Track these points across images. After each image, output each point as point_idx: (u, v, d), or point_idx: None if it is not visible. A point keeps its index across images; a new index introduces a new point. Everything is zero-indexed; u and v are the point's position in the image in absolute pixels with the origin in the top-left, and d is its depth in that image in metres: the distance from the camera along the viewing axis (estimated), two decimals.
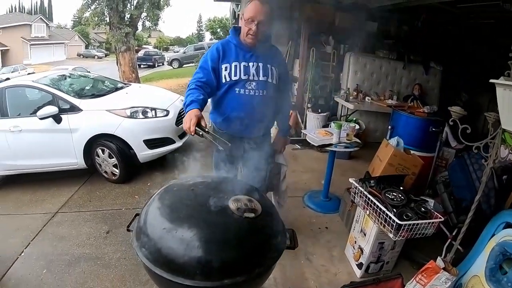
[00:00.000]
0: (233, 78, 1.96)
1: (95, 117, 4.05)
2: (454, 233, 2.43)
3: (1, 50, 31.76)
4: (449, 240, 2.42)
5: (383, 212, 2.06)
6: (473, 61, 5.10)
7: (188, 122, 1.58)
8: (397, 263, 2.56)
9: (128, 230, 1.31)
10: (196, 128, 1.55)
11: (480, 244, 2.10)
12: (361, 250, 2.45)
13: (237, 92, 1.98)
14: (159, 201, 1.23)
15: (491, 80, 1.76)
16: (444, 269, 1.90)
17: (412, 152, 3.21)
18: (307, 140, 3.28)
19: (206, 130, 1.57)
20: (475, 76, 4.61)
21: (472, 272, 2.03)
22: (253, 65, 1.98)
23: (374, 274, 2.45)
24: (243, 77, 1.96)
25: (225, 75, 1.96)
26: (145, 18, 12.55)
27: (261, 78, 1.99)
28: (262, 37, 1.93)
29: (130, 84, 5.68)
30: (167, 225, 1.09)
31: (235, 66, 1.96)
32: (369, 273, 2.47)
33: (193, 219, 1.10)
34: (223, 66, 1.96)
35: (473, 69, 4.96)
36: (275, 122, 2.44)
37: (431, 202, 2.47)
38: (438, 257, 1.99)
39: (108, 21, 11.06)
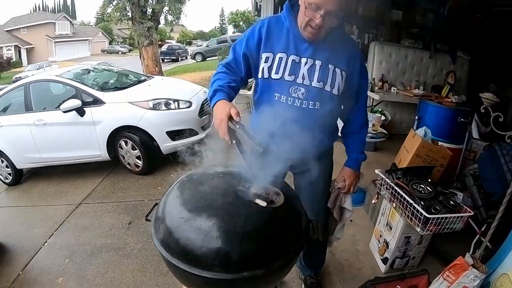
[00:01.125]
0: (273, 75, 1.41)
1: (118, 109, 4.12)
2: (483, 229, 2.30)
3: (27, 48, 32.91)
4: (478, 236, 2.30)
5: (410, 204, 1.97)
6: (502, 50, 4.84)
7: (218, 122, 1.22)
8: (423, 259, 2.46)
9: (147, 220, 1.28)
10: (228, 124, 1.19)
11: (511, 240, 1.95)
12: (387, 244, 2.37)
13: (276, 98, 1.44)
14: (178, 190, 1.20)
15: None
16: (473, 266, 1.79)
17: (440, 143, 3.07)
18: None
19: (238, 126, 1.19)
20: (505, 66, 4.38)
21: (501, 270, 1.88)
22: (306, 62, 1.40)
23: (399, 269, 2.37)
24: (287, 77, 1.40)
25: (263, 68, 1.42)
26: (167, 12, 12.66)
27: (314, 83, 1.40)
28: (328, 31, 1.35)
29: (153, 77, 5.74)
30: (185, 214, 1.06)
31: (280, 59, 1.40)
32: (394, 268, 2.39)
33: (212, 208, 1.05)
34: (264, 56, 1.42)
35: (503, 58, 4.71)
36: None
37: (460, 196, 2.35)
38: (467, 253, 1.88)
39: (130, 16, 11.20)
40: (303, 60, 1.40)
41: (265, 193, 1.13)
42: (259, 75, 1.45)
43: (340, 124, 1.73)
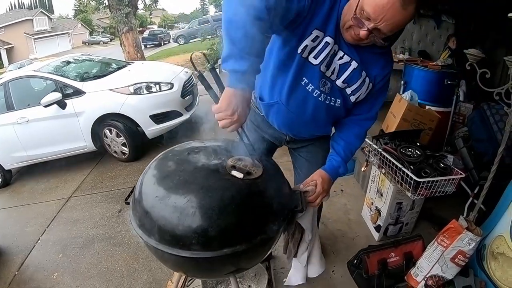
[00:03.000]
0: (311, 59, 1.19)
1: (99, 98, 4.04)
2: (476, 191, 2.29)
3: (6, 48, 32.00)
4: (471, 199, 2.30)
5: (400, 169, 1.94)
6: (488, 13, 4.75)
7: (229, 118, 0.99)
8: (417, 224, 2.46)
9: (126, 203, 1.23)
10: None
11: (504, 201, 1.93)
12: (379, 211, 2.35)
13: (303, 83, 1.25)
14: (154, 169, 1.14)
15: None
16: (467, 229, 1.77)
17: (427, 107, 3.04)
18: None
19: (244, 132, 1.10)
20: (490, 28, 4.31)
21: (496, 232, 1.87)
22: (341, 57, 1.21)
23: (393, 236, 2.37)
24: (322, 68, 1.21)
25: (306, 45, 1.16)
26: None
27: (339, 82, 1.25)
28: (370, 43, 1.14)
29: (133, 62, 5.62)
30: (160, 193, 1.00)
31: (326, 44, 1.17)
32: (388, 235, 2.38)
33: (186, 184, 1.00)
34: (315, 34, 1.15)
35: (489, 22, 4.63)
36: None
37: (450, 158, 2.33)
38: (460, 216, 1.86)
39: (106, 3, 10.88)
40: (340, 53, 1.20)
41: (242, 164, 1.08)
42: (299, 51, 1.18)
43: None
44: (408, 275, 1.98)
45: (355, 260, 2.05)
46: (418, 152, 2.05)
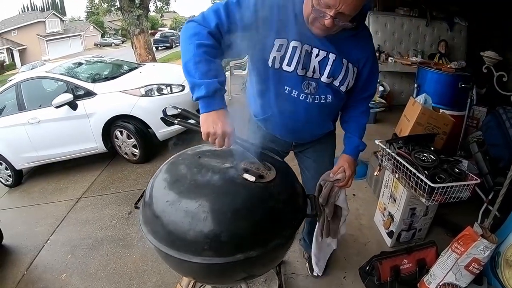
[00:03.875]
0: (285, 67, 1.22)
1: (110, 99, 4.04)
2: (490, 197, 2.23)
3: (19, 49, 32.54)
4: (486, 205, 2.24)
5: (414, 174, 1.89)
6: (502, 14, 4.68)
7: (217, 136, 1.03)
8: (430, 230, 2.41)
9: (136, 207, 1.21)
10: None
11: None
12: (391, 217, 2.30)
13: (286, 91, 1.27)
14: (164, 173, 1.12)
15: None
16: (482, 236, 1.72)
17: (441, 110, 2.98)
18: None
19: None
20: (505, 31, 4.24)
21: (511, 240, 1.81)
22: (318, 54, 1.21)
23: (405, 242, 2.32)
24: (300, 71, 1.23)
25: (275, 57, 1.20)
26: None
27: (323, 78, 1.25)
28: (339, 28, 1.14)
29: (144, 64, 5.63)
30: (170, 197, 0.98)
31: (294, 48, 1.19)
32: (401, 241, 2.33)
33: (198, 188, 0.98)
34: (278, 43, 1.18)
35: (503, 23, 4.56)
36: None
37: (465, 163, 2.28)
38: (475, 223, 1.81)
39: (118, 6, 11.00)
40: (315, 51, 1.21)
41: (254, 167, 1.06)
42: (270, 64, 1.22)
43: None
44: (421, 283, 1.93)
45: (367, 267, 2.01)
46: (433, 157, 2.00)
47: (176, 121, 1.15)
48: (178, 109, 1.18)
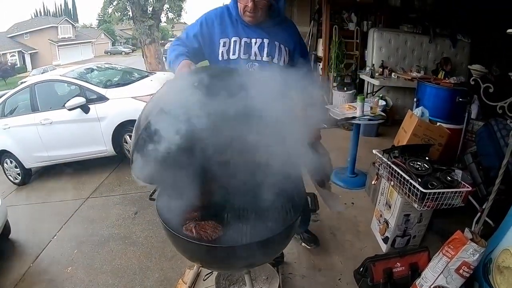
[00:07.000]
0: (231, 56, 1.66)
1: (121, 104, 4.18)
2: (484, 206, 2.31)
3: (30, 53, 32.97)
4: (479, 214, 2.31)
5: (407, 181, 2.00)
6: (504, 32, 4.78)
7: (182, 69, 1.46)
8: (425, 238, 2.48)
9: (151, 199, 1.32)
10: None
11: (511, 215, 1.94)
12: (387, 223, 2.39)
13: None
14: None
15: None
16: (472, 240, 1.81)
17: (438, 124, 3.08)
18: (331, 115, 3.20)
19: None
20: (508, 49, 4.33)
21: (502, 246, 1.87)
22: (255, 42, 1.66)
23: (400, 248, 2.39)
24: (243, 56, 1.66)
25: (222, 51, 1.66)
26: (167, 10, 12.76)
27: (264, 58, 1.67)
28: (264, 13, 1.61)
29: (155, 73, 5.78)
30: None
31: (235, 42, 1.66)
32: (395, 247, 2.41)
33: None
34: (222, 41, 1.65)
35: (505, 40, 4.66)
36: None
37: (458, 173, 2.35)
38: (466, 228, 1.90)
39: (131, 15, 11.27)
40: (253, 40, 1.65)
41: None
42: (220, 58, 1.66)
43: None
44: (413, 286, 2.01)
45: (361, 268, 2.10)
46: (426, 166, 2.11)
47: None
48: None
